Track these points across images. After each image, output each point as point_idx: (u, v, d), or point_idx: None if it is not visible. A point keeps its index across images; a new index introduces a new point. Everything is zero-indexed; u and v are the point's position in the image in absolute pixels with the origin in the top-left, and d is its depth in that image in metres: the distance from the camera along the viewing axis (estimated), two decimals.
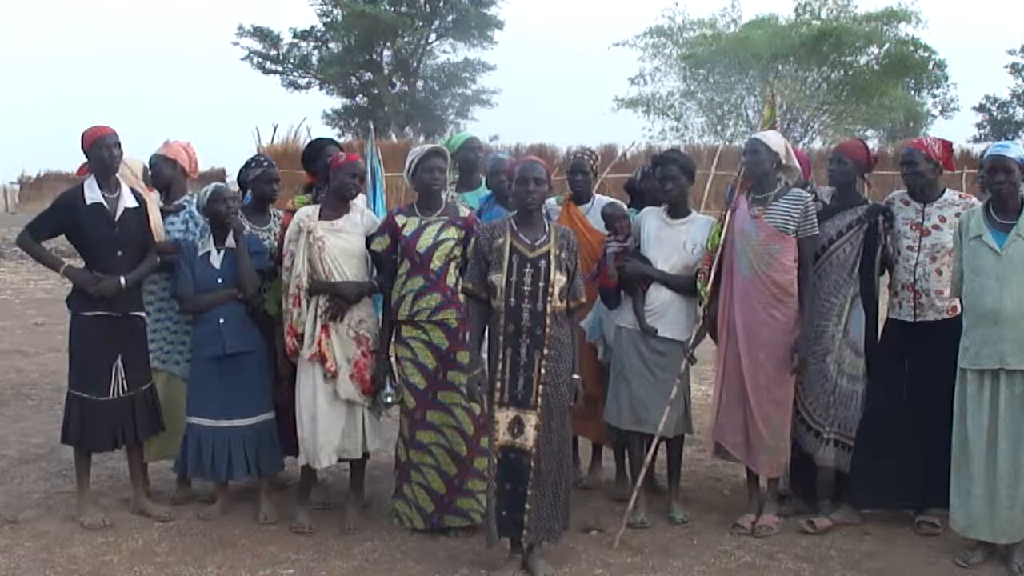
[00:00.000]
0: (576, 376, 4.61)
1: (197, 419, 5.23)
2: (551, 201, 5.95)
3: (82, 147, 5.14)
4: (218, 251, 5.25)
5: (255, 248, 5.31)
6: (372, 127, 9.35)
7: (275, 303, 5.35)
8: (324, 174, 5.55)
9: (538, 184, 4.57)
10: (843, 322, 5.16)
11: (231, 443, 5.20)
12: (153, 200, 5.52)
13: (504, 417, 4.53)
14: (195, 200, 5.60)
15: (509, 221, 4.65)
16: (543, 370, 4.50)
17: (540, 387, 4.50)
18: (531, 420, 4.51)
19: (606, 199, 5.80)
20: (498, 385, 4.53)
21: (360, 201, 5.37)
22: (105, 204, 5.09)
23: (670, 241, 5.25)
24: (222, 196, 5.23)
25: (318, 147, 5.73)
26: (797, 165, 5.21)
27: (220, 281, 5.21)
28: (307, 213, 5.12)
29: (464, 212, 5.22)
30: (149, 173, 5.73)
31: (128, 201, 5.16)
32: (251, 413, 5.24)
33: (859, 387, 5.19)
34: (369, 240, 5.14)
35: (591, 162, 5.90)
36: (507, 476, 4.53)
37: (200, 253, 5.26)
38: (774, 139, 5.16)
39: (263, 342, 5.31)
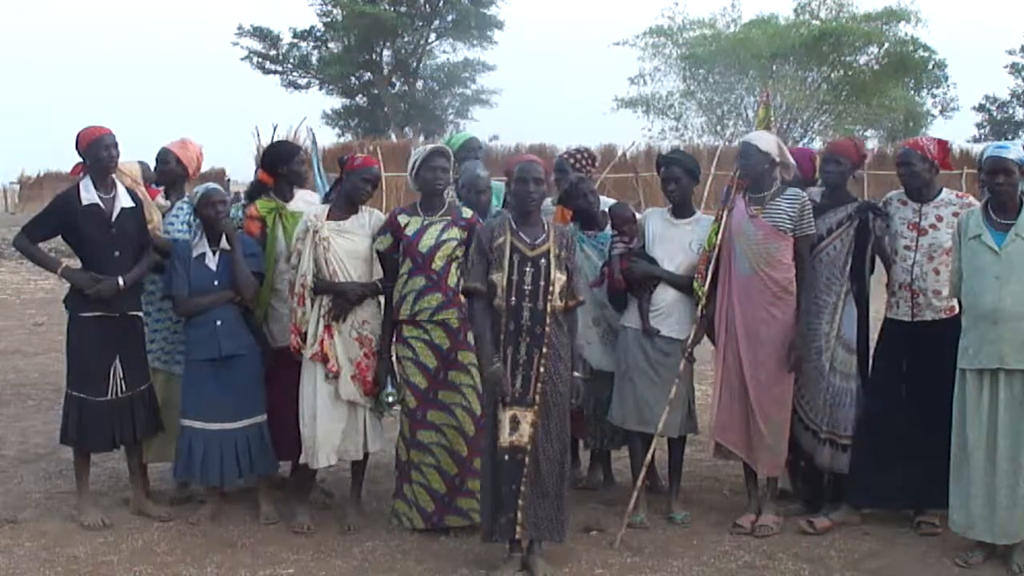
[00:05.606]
0: (577, 374, 4.63)
1: (189, 422, 5.19)
2: (546, 202, 5.93)
3: (77, 147, 5.11)
4: (213, 252, 5.22)
5: (250, 250, 5.26)
6: (313, 134, 8.00)
7: (263, 300, 5.36)
8: (287, 176, 5.44)
9: (537, 184, 4.58)
10: (836, 320, 5.16)
11: (223, 446, 5.16)
12: (153, 203, 5.50)
13: (505, 416, 4.53)
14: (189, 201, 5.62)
15: (508, 220, 4.65)
16: (541, 368, 4.50)
17: (538, 385, 4.51)
18: (527, 417, 4.52)
19: (610, 200, 5.79)
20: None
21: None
22: (101, 204, 5.07)
23: (675, 241, 5.26)
24: (211, 200, 5.17)
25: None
26: (792, 161, 5.22)
27: (216, 283, 5.18)
28: (316, 212, 5.13)
29: (467, 213, 5.22)
30: (152, 168, 5.71)
31: (124, 201, 5.15)
32: (244, 416, 5.19)
33: (851, 384, 5.18)
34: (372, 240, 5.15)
35: (572, 162, 5.87)
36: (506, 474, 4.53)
37: (195, 254, 5.22)
38: (764, 139, 5.17)
39: (256, 345, 5.29)
